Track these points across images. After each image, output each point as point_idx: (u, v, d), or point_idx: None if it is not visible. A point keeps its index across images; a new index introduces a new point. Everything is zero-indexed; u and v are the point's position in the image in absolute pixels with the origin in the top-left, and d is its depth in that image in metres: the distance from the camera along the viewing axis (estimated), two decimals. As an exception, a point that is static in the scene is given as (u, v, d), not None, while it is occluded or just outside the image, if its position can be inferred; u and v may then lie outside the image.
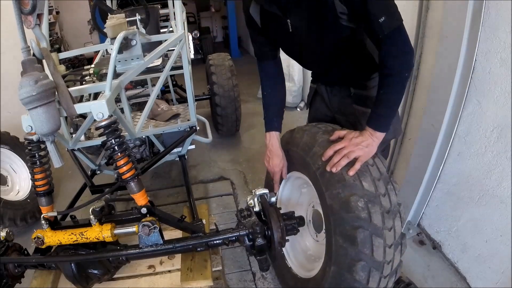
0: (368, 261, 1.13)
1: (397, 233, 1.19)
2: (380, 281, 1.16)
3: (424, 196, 2.07)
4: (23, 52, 1.09)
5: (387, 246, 1.15)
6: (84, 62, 6.29)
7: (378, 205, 1.15)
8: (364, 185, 1.17)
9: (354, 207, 1.14)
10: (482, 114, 1.64)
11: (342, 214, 1.16)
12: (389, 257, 1.16)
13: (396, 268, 1.21)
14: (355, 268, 1.14)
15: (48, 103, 1.05)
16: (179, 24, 2.20)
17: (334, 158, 1.22)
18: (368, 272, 1.13)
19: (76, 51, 2.63)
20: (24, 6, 1.06)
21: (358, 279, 1.14)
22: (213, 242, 1.37)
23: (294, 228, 1.33)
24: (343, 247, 1.17)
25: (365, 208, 1.14)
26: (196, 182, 2.99)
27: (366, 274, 1.13)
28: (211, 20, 9.36)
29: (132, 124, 1.88)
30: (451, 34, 1.68)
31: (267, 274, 2.02)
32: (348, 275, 1.16)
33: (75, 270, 1.35)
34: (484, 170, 1.66)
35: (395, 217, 1.20)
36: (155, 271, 1.63)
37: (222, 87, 3.29)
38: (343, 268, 1.18)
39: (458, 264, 1.91)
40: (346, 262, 1.16)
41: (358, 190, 1.16)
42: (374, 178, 1.20)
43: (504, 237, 1.60)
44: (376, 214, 1.14)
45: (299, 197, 1.73)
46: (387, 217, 1.17)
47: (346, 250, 1.16)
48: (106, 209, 1.42)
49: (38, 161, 1.39)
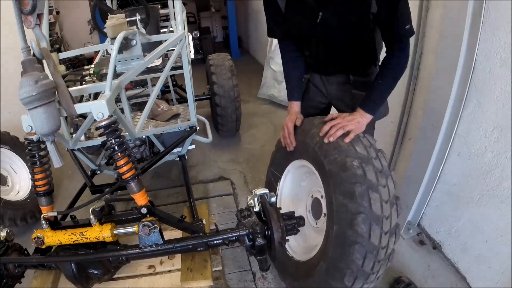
0: (368, 213, 1.21)
1: (391, 191, 1.28)
2: (381, 238, 1.22)
3: (424, 196, 2.07)
4: (23, 52, 1.09)
5: (383, 201, 1.24)
6: (84, 62, 6.30)
7: (371, 165, 1.27)
8: (357, 149, 1.31)
9: (350, 166, 1.26)
10: (482, 114, 1.64)
11: (340, 174, 1.28)
12: (386, 212, 1.24)
13: (394, 228, 1.28)
14: (356, 222, 1.21)
15: (48, 103, 1.05)
16: (179, 24, 2.20)
17: (331, 130, 1.38)
18: (369, 225, 1.21)
19: (76, 51, 2.63)
20: (24, 6, 1.06)
21: (360, 232, 1.21)
22: (213, 242, 1.37)
23: (294, 228, 1.33)
24: (343, 204, 1.26)
25: (360, 167, 1.26)
26: (196, 182, 2.99)
27: (367, 227, 1.21)
28: (211, 20, 9.35)
29: (132, 124, 1.88)
30: (451, 34, 1.68)
31: (267, 274, 2.02)
32: (350, 231, 1.23)
33: (75, 270, 1.35)
34: (484, 170, 1.66)
35: (387, 177, 1.29)
36: (155, 271, 1.63)
37: (222, 87, 3.29)
38: (345, 225, 1.25)
39: (458, 264, 1.91)
40: (348, 218, 1.24)
41: (352, 154, 1.30)
42: (366, 145, 1.35)
43: (504, 237, 1.60)
44: (370, 172, 1.25)
45: (298, 192, 1.82)
46: (380, 176, 1.27)
47: (346, 206, 1.25)
48: (106, 209, 1.42)
49: (38, 161, 1.39)
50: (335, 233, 1.30)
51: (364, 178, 1.24)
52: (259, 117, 4.28)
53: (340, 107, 1.71)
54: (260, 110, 4.53)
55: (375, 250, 1.23)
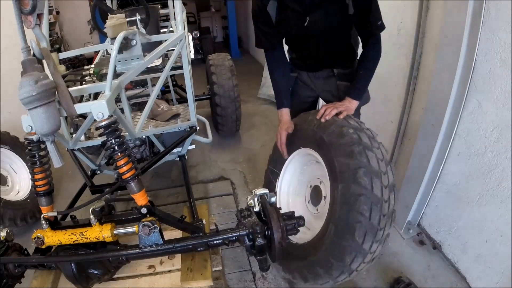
0: (367, 167, 1.36)
1: (383, 152, 1.45)
2: (383, 190, 1.35)
3: (424, 196, 2.07)
4: (23, 52, 1.09)
5: (379, 159, 1.40)
6: (84, 62, 6.30)
7: (364, 133, 1.46)
8: (351, 122, 1.52)
9: (346, 133, 1.45)
10: (482, 114, 1.64)
11: (339, 140, 1.46)
12: (383, 169, 1.39)
13: (392, 186, 1.41)
14: (358, 175, 1.35)
15: (48, 103, 1.05)
16: (179, 24, 2.20)
17: (326, 112, 1.58)
18: (370, 178, 1.34)
19: (76, 51, 2.63)
20: (24, 6, 1.06)
21: (363, 184, 1.34)
22: (213, 242, 1.37)
23: (294, 228, 1.33)
24: (345, 163, 1.41)
25: (355, 133, 1.44)
26: (196, 182, 3.00)
27: (369, 179, 1.34)
28: (211, 20, 9.36)
29: (132, 124, 1.88)
30: (451, 34, 1.68)
31: (267, 274, 2.02)
32: (354, 185, 1.36)
33: (75, 270, 1.34)
34: (484, 170, 1.67)
35: (378, 145, 1.46)
36: (155, 271, 1.63)
37: (222, 87, 3.29)
38: (349, 180, 1.38)
39: (458, 264, 1.91)
40: (350, 173, 1.38)
41: (347, 124, 1.50)
42: (357, 121, 1.56)
43: (504, 237, 1.60)
44: (364, 137, 1.44)
45: (297, 186, 1.93)
46: (373, 141, 1.45)
47: (347, 164, 1.40)
48: (106, 209, 1.42)
49: (38, 161, 1.39)
50: (341, 191, 1.41)
51: (360, 140, 1.42)
52: (259, 117, 4.28)
53: (327, 98, 1.89)
54: (260, 110, 4.54)
55: (379, 202, 1.33)
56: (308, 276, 1.56)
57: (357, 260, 1.37)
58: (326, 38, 1.68)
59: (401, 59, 2.26)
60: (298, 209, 1.90)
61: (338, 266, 1.40)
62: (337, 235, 1.39)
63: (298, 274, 1.63)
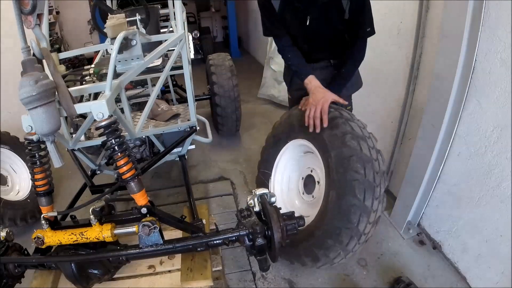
0: (352, 133, 1.56)
1: (363, 123, 1.65)
2: (370, 151, 1.54)
3: (424, 196, 2.07)
4: (23, 52, 1.09)
5: (360, 127, 1.60)
6: (84, 62, 6.30)
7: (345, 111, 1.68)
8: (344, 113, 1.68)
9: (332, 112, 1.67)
10: (482, 114, 1.64)
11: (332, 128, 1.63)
12: (366, 134, 1.58)
13: (376, 148, 1.59)
14: (346, 140, 1.54)
15: (48, 103, 1.05)
16: (179, 24, 2.20)
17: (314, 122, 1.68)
18: (357, 141, 1.53)
19: (76, 51, 2.63)
20: (24, 6, 1.06)
21: (352, 146, 1.52)
22: (213, 242, 1.37)
23: (294, 228, 1.33)
24: (332, 134, 1.60)
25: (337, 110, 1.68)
26: (196, 182, 3.00)
27: (356, 142, 1.53)
28: (211, 20, 9.35)
29: (132, 124, 1.88)
30: (451, 34, 1.68)
31: (267, 274, 2.02)
32: (344, 148, 1.54)
33: (75, 270, 1.34)
34: (484, 170, 1.66)
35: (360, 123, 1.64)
36: (155, 271, 1.63)
37: (222, 87, 3.29)
38: (338, 146, 1.56)
39: (458, 264, 1.91)
40: (338, 139, 1.57)
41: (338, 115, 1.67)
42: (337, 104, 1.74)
43: (504, 237, 1.60)
44: (345, 113, 1.67)
45: (289, 179, 2.08)
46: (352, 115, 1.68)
47: (335, 135, 1.59)
48: (106, 209, 1.42)
49: (38, 161, 1.39)
50: (334, 158, 1.56)
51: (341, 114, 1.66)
52: (259, 117, 4.28)
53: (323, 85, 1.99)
54: (260, 110, 4.53)
55: (370, 161, 1.51)
56: (319, 253, 1.63)
57: (362, 220, 1.47)
58: (324, 35, 1.83)
59: (401, 59, 2.26)
60: (294, 202, 2.02)
61: (346, 231, 1.50)
62: (339, 198, 1.52)
63: (307, 256, 1.69)
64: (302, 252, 1.71)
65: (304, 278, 1.99)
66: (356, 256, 2.09)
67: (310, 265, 1.74)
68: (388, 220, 2.35)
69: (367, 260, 2.07)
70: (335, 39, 1.86)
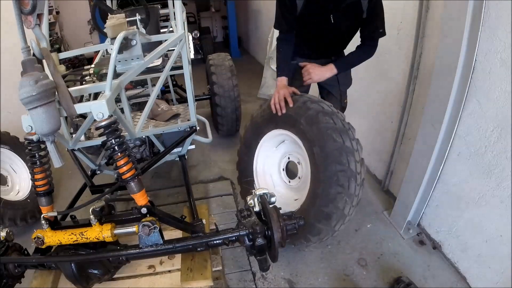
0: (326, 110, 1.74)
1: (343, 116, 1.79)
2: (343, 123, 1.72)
3: (424, 196, 2.07)
4: (23, 52, 1.09)
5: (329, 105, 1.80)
6: (84, 62, 6.30)
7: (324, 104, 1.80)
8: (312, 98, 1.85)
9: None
10: (482, 114, 1.64)
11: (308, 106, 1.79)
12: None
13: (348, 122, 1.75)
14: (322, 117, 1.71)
15: (48, 103, 1.05)
16: (179, 24, 2.20)
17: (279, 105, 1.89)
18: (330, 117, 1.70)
19: (76, 51, 2.62)
20: (24, 6, 1.06)
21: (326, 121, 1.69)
22: (213, 242, 1.37)
23: (294, 228, 1.33)
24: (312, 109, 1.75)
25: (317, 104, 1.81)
26: (196, 182, 3.00)
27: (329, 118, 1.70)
28: (211, 20, 9.36)
29: (132, 124, 1.88)
30: (451, 34, 1.68)
31: (267, 274, 2.02)
32: (323, 116, 1.71)
33: (75, 270, 1.34)
34: (484, 170, 1.66)
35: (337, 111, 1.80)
36: (155, 271, 1.63)
37: (222, 87, 3.29)
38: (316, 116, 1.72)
39: (458, 264, 1.91)
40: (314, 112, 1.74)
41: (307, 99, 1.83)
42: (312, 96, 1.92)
43: (504, 237, 1.60)
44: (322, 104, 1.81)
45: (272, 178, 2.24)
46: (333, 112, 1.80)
47: (314, 109, 1.75)
48: (106, 209, 1.42)
49: (38, 161, 1.39)
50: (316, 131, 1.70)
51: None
52: (259, 117, 4.27)
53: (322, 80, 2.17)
54: (260, 110, 4.52)
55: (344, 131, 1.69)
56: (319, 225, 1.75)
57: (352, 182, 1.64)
58: (342, 34, 1.99)
59: (401, 59, 2.26)
60: (282, 193, 2.16)
61: (339, 193, 1.65)
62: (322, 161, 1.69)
63: (303, 237, 1.82)
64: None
65: (304, 278, 1.99)
66: (356, 256, 2.09)
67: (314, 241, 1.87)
68: (388, 220, 2.35)
69: (367, 260, 2.07)
70: (348, 38, 2.03)
